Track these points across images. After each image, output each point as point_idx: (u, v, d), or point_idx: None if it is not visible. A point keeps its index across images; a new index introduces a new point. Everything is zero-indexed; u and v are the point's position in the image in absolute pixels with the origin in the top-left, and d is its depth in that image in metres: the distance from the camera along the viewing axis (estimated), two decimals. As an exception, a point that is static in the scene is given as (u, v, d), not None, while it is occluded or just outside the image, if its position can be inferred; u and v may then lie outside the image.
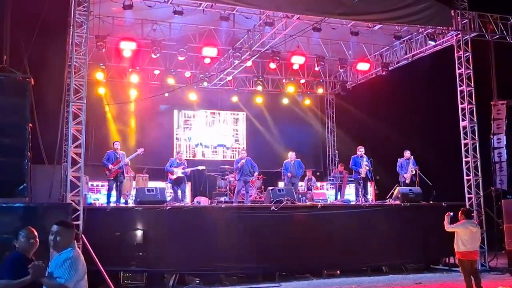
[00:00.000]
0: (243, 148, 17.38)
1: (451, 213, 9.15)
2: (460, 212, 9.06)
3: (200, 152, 18.43)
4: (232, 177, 14.75)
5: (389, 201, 13.45)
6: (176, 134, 18.26)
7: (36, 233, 4.58)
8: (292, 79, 18.13)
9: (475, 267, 9.09)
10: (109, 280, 8.89)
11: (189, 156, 17.69)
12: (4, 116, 9.24)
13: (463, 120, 13.12)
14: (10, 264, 4.34)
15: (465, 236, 8.70)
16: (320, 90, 19.12)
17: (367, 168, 13.81)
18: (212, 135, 18.69)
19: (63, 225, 4.23)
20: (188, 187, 15.44)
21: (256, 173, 14.10)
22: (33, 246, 4.51)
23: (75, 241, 4.26)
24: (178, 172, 13.06)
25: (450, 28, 13.26)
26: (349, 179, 15.82)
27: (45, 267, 4.02)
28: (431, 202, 13.15)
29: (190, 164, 14.22)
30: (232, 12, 12.71)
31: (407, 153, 14.06)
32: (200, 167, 14.26)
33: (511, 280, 11.02)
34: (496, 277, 11.34)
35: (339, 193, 16.20)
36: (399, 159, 14.24)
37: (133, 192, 12.98)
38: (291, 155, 14.41)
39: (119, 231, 10.43)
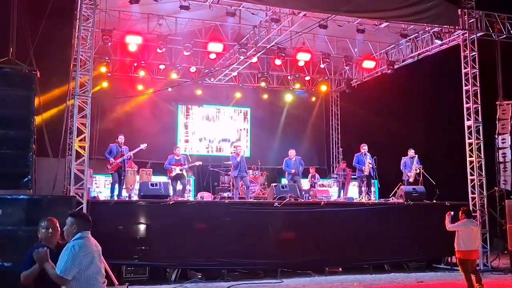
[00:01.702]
0: (238, 145, 17.31)
1: (452, 212, 9.16)
2: (460, 211, 9.07)
3: (203, 147, 18.45)
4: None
5: (392, 199, 13.45)
6: (180, 129, 18.29)
7: (56, 223, 4.60)
8: (297, 76, 18.11)
9: (475, 265, 9.11)
10: (111, 274, 8.92)
11: (194, 152, 17.67)
12: (9, 108, 9.24)
13: (468, 119, 13.06)
14: (29, 255, 4.35)
15: (466, 235, 8.72)
16: (325, 87, 19.08)
17: (371, 166, 13.79)
18: (216, 130, 18.72)
19: (70, 215, 4.31)
20: (192, 182, 15.51)
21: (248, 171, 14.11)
22: (53, 237, 4.54)
23: (84, 231, 4.26)
24: (177, 169, 13.13)
25: (456, 27, 13.18)
26: (353, 177, 15.82)
27: (46, 253, 4.03)
28: (435, 201, 13.15)
29: (192, 159, 14.24)
30: (238, 8, 12.72)
31: (411, 152, 14.02)
32: (197, 163, 14.19)
33: (513, 281, 11.04)
34: (498, 277, 11.33)
35: (342, 190, 16.20)
36: (403, 157, 14.19)
37: (137, 186, 13.03)
38: (292, 152, 14.28)
39: (122, 225, 10.44)
